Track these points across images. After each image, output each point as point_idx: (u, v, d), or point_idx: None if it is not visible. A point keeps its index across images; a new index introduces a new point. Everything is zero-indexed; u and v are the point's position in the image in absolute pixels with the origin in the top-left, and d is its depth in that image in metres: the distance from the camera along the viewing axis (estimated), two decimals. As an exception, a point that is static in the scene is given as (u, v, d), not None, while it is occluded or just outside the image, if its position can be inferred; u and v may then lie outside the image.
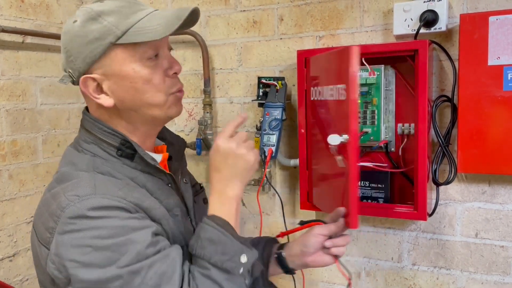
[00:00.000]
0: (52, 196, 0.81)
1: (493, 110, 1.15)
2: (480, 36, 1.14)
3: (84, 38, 0.81)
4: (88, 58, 0.82)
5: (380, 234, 1.43)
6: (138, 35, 0.80)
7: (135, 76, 0.83)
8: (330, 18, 1.42)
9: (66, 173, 0.83)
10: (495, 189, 1.27)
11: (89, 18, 0.81)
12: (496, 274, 1.29)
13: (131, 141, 0.86)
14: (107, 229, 0.74)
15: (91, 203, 0.75)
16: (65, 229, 0.74)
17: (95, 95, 0.84)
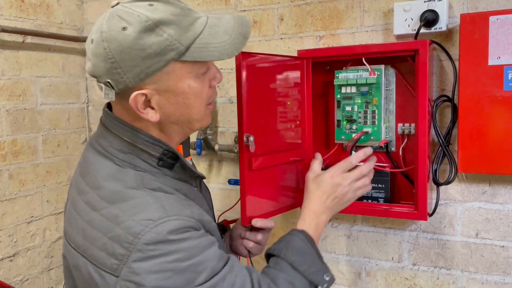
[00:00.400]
0: (109, 218, 0.75)
1: (493, 110, 1.15)
2: (481, 36, 1.14)
3: (141, 52, 0.73)
4: (143, 74, 0.75)
5: (380, 234, 1.43)
6: (203, 53, 0.76)
7: (189, 92, 0.80)
8: (331, 18, 1.41)
9: (117, 192, 0.77)
10: (496, 189, 1.27)
11: (146, 29, 0.73)
12: (497, 274, 1.29)
13: (176, 151, 0.84)
14: (184, 251, 0.73)
15: (168, 227, 0.73)
16: (143, 256, 0.71)
17: (142, 110, 0.79)
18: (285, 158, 1.20)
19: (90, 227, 0.77)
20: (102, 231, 0.75)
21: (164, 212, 0.74)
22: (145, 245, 0.71)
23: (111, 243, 0.73)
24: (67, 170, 1.78)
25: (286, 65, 1.23)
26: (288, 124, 1.24)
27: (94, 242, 0.75)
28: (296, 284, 0.86)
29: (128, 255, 0.71)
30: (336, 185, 1.00)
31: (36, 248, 1.68)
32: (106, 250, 0.74)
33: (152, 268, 0.71)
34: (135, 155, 0.81)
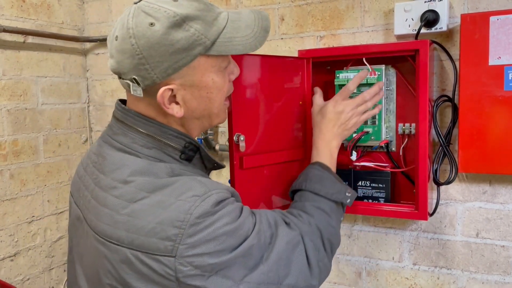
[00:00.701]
0: (154, 205, 0.76)
1: (494, 110, 1.16)
2: (481, 36, 1.15)
3: (169, 48, 0.75)
4: (171, 69, 0.76)
5: (381, 234, 1.43)
6: (227, 47, 0.78)
7: (212, 86, 0.82)
8: (331, 18, 1.42)
9: (153, 182, 0.78)
10: (496, 189, 1.27)
11: (174, 24, 0.74)
12: (497, 274, 1.29)
13: (197, 142, 0.86)
14: (229, 215, 0.77)
15: (213, 200, 0.76)
16: (197, 229, 0.74)
17: (168, 105, 0.80)
18: (282, 158, 1.20)
19: (133, 218, 0.76)
20: (147, 219, 0.75)
21: (206, 188, 0.77)
22: (197, 219, 0.74)
23: (161, 227, 0.74)
24: (68, 170, 1.78)
25: (287, 66, 1.23)
26: (288, 124, 1.24)
27: (141, 231, 0.75)
28: (322, 207, 0.97)
29: (182, 233, 0.73)
30: (339, 112, 1.08)
31: (37, 247, 1.68)
32: (157, 235, 0.74)
33: (208, 237, 0.74)
34: (159, 150, 0.83)
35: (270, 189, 1.20)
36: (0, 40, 1.52)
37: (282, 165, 1.21)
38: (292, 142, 1.25)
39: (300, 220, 0.93)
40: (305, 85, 1.28)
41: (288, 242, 0.85)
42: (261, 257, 0.80)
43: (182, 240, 0.73)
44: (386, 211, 1.28)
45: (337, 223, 1.00)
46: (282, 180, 1.22)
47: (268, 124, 1.17)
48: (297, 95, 1.26)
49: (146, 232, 0.75)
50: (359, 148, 1.34)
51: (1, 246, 1.55)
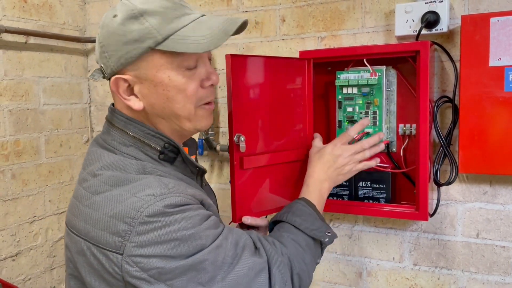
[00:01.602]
0: (110, 199, 0.76)
1: (494, 111, 1.16)
2: (482, 37, 1.15)
3: (122, 37, 0.78)
4: (123, 59, 0.79)
5: (381, 234, 1.43)
6: (179, 44, 0.77)
7: (169, 84, 0.80)
8: (332, 19, 1.42)
9: (119, 176, 0.79)
10: (496, 190, 1.27)
11: (131, 16, 0.78)
12: (497, 274, 1.30)
13: (177, 144, 0.84)
14: (187, 220, 0.75)
15: (169, 201, 0.74)
16: (147, 228, 0.72)
17: (125, 96, 0.82)
18: (282, 158, 1.21)
19: (91, 210, 0.77)
20: (103, 211, 0.76)
21: (167, 189, 0.76)
22: (148, 217, 0.72)
23: (113, 221, 0.74)
24: (69, 170, 1.79)
25: (288, 66, 1.23)
26: (289, 125, 1.24)
27: (96, 223, 0.76)
28: (299, 241, 0.93)
29: (131, 230, 0.72)
30: (337, 156, 1.07)
31: (38, 247, 1.68)
32: (109, 229, 0.74)
33: (158, 239, 0.72)
34: (136, 148, 0.83)
35: (270, 189, 1.20)
36: (2, 40, 1.53)
37: (282, 165, 1.22)
38: (293, 143, 1.25)
39: (273, 248, 0.88)
40: (306, 86, 1.28)
41: (251, 268, 0.80)
42: (216, 275, 0.76)
43: (130, 237, 0.72)
44: (386, 212, 1.28)
45: (311, 261, 0.94)
46: (283, 181, 1.23)
47: (268, 125, 1.18)
48: (298, 96, 1.26)
49: (100, 225, 0.75)
50: (360, 148, 1.34)
51: (2, 246, 1.55)
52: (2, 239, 1.55)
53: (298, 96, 1.26)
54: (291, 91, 1.25)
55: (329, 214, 1.49)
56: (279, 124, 1.21)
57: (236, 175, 1.09)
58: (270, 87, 1.17)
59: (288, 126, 1.24)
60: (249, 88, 1.12)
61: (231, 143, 1.08)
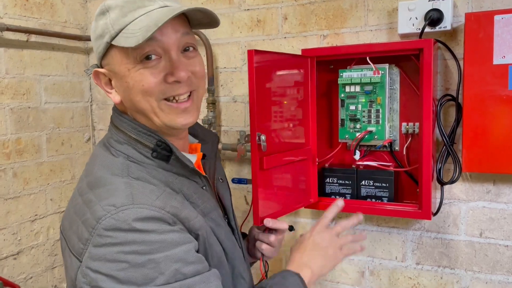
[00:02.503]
0: (85, 203, 0.76)
1: (498, 109, 1.15)
2: (485, 35, 1.14)
3: (93, 33, 0.81)
4: (97, 53, 0.82)
5: (384, 233, 1.43)
6: (123, 38, 0.75)
7: (128, 76, 0.78)
8: (335, 17, 1.41)
9: (99, 178, 0.78)
10: (500, 189, 1.27)
11: (100, 12, 0.79)
12: (501, 273, 1.29)
13: (168, 142, 0.81)
14: (145, 244, 0.69)
15: (129, 215, 0.70)
16: (101, 241, 0.70)
17: (108, 89, 0.84)
18: (291, 157, 1.20)
19: (73, 211, 0.79)
20: (78, 215, 0.76)
21: (130, 200, 0.72)
22: (104, 231, 0.70)
23: (82, 227, 0.73)
24: (70, 168, 1.78)
25: (291, 64, 1.23)
26: (293, 123, 1.23)
27: (72, 225, 0.77)
28: None
29: (90, 239, 0.71)
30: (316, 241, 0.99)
31: (40, 246, 1.68)
32: (77, 233, 0.74)
33: (108, 256, 0.69)
34: (129, 145, 0.82)
35: (285, 189, 1.20)
36: (4, 39, 1.52)
37: (293, 164, 1.21)
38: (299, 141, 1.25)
39: None
40: (309, 84, 1.28)
41: None
42: None
43: (88, 247, 0.71)
44: (389, 211, 1.28)
45: None
46: (294, 179, 1.22)
47: (279, 123, 1.17)
48: (301, 94, 1.26)
49: (73, 228, 0.76)
50: (363, 147, 1.34)
51: (4, 245, 1.55)
52: (4, 237, 1.55)
53: (301, 94, 1.26)
54: (296, 89, 1.24)
55: (332, 213, 1.48)
56: (287, 122, 1.20)
57: (258, 175, 1.07)
58: (280, 84, 1.17)
59: (294, 124, 1.23)
60: (266, 85, 1.11)
61: (253, 143, 1.05)
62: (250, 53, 1.04)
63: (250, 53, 1.04)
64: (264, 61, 1.10)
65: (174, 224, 0.74)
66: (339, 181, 1.36)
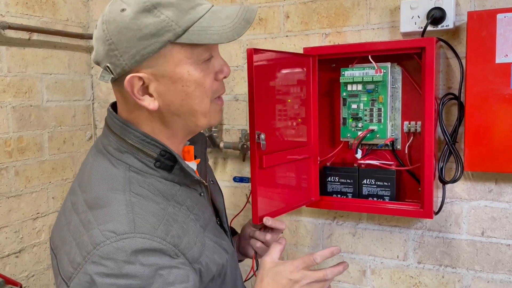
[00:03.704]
0: (83, 223, 0.72)
1: (500, 108, 1.15)
2: (488, 34, 1.14)
3: (136, 32, 0.71)
4: (139, 55, 0.72)
5: (385, 232, 1.42)
6: (201, 35, 0.72)
7: (188, 80, 0.75)
8: (337, 16, 1.41)
9: (99, 197, 0.74)
10: (502, 188, 1.27)
11: (143, 9, 0.71)
12: (502, 273, 1.29)
13: (173, 152, 0.79)
14: (140, 279, 0.67)
15: (129, 244, 0.67)
16: (95, 270, 0.66)
17: (139, 96, 0.75)
18: (292, 156, 1.20)
19: (67, 229, 0.74)
20: (73, 236, 0.71)
21: (132, 227, 0.69)
22: (100, 258, 0.66)
23: (76, 249, 0.69)
24: (72, 167, 1.78)
25: (293, 63, 1.23)
26: (294, 122, 1.23)
27: (65, 245, 0.72)
28: None
29: (82, 264, 0.67)
30: (294, 282, 0.86)
31: (41, 244, 1.68)
32: (69, 255, 0.70)
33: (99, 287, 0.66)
34: (131, 154, 0.78)
35: (285, 188, 1.20)
36: (5, 37, 1.52)
37: (293, 163, 1.21)
38: (300, 140, 1.25)
39: None
40: (311, 83, 1.27)
41: None
42: None
43: (79, 272, 0.67)
44: (391, 210, 1.28)
45: None
46: (294, 178, 1.23)
47: (280, 122, 1.17)
48: (303, 93, 1.26)
49: (66, 248, 0.71)
50: (364, 146, 1.34)
51: (6, 243, 1.55)
52: (6, 235, 1.55)
53: (303, 93, 1.26)
54: (297, 88, 1.24)
55: (333, 211, 1.48)
56: (288, 121, 1.20)
57: (257, 174, 1.07)
58: (279, 83, 1.17)
59: (295, 123, 1.23)
60: (266, 83, 1.11)
61: (252, 142, 1.05)
62: (249, 51, 1.03)
63: (250, 51, 1.03)
64: (265, 59, 1.10)
65: (175, 257, 0.72)
66: (340, 180, 1.36)
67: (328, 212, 1.49)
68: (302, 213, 1.53)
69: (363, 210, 1.33)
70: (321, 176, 1.35)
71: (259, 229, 1.08)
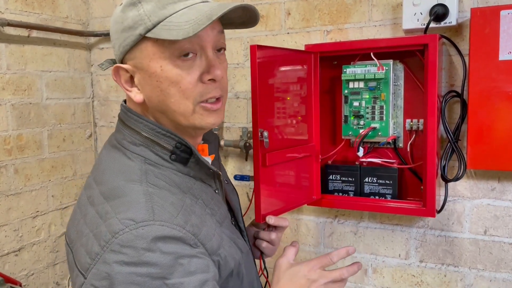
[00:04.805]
0: (100, 214, 0.71)
1: (503, 106, 1.14)
2: (491, 31, 1.13)
3: (120, 25, 0.75)
4: (122, 47, 0.75)
5: (387, 230, 1.42)
6: (164, 31, 0.71)
7: (161, 76, 0.74)
8: (338, 12, 1.40)
9: (115, 188, 0.73)
10: (505, 186, 1.26)
11: (130, 3, 0.74)
12: (505, 271, 1.28)
13: (188, 143, 0.77)
14: (160, 267, 0.65)
15: (149, 232, 0.66)
16: (114, 258, 0.65)
17: (127, 87, 0.78)
18: (294, 154, 1.20)
19: (83, 222, 0.73)
20: (90, 227, 0.70)
21: (151, 215, 0.68)
22: (120, 247, 0.65)
23: (93, 240, 0.68)
24: (72, 165, 1.78)
25: (295, 60, 1.22)
26: (296, 120, 1.22)
27: (81, 237, 0.71)
28: None
29: (101, 254, 0.66)
30: (312, 281, 0.87)
31: (41, 243, 1.68)
32: (86, 247, 0.69)
33: (118, 276, 0.65)
34: (146, 147, 0.77)
35: (288, 186, 1.20)
36: (5, 34, 1.51)
37: (295, 161, 1.21)
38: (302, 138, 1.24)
39: None
40: (312, 80, 1.27)
41: None
42: None
43: (97, 263, 0.66)
44: (393, 208, 1.27)
45: None
46: (297, 176, 1.22)
47: (282, 120, 1.16)
48: (304, 90, 1.25)
49: (82, 240, 0.70)
50: (366, 144, 1.33)
51: (5, 241, 1.55)
52: (5, 234, 1.55)
53: (305, 90, 1.25)
54: (299, 85, 1.23)
55: (334, 210, 1.47)
56: (290, 119, 1.19)
57: (261, 172, 1.06)
58: (282, 80, 1.16)
59: (297, 121, 1.22)
60: (268, 81, 1.10)
61: (255, 139, 1.04)
62: (252, 48, 1.02)
63: (253, 48, 1.02)
64: (267, 56, 1.09)
65: (195, 246, 0.71)
66: (342, 178, 1.35)
67: (329, 211, 1.48)
68: (303, 212, 1.53)
69: (365, 208, 1.32)
70: (323, 174, 1.34)
71: (262, 229, 1.07)
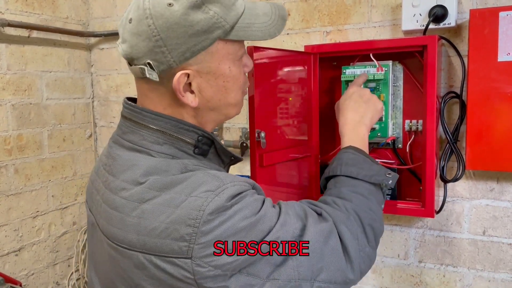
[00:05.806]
0: (164, 204, 0.71)
1: (502, 107, 1.14)
2: (490, 32, 1.13)
3: (188, 29, 0.71)
4: (189, 52, 0.72)
5: (386, 231, 1.42)
6: (246, 32, 0.75)
7: (229, 75, 0.78)
8: (338, 13, 1.40)
9: (165, 180, 0.73)
10: (504, 187, 1.26)
11: (193, 5, 0.71)
12: (504, 272, 1.29)
13: (211, 134, 0.81)
14: (247, 208, 0.72)
15: (227, 193, 0.71)
16: (211, 226, 0.69)
17: (183, 93, 0.75)
18: (293, 154, 1.20)
19: (143, 220, 0.72)
20: (158, 219, 0.71)
21: (221, 181, 0.72)
22: (210, 215, 0.69)
23: (174, 226, 0.69)
24: (72, 165, 1.78)
25: (294, 61, 1.22)
26: (295, 120, 1.23)
27: (153, 233, 0.71)
28: (360, 191, 0.90)
29: (195, 231, 0.68)
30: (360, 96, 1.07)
31: (41, 242, 1.68)
32: (170, 235, 0.70)
33: (223, 234, 0.69)
34: (171, 145, 0.78)
35: (286, 186, 1.19)
36: (5, 34, 1.52)
37: (294, 161, 1.21)
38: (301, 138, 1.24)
39: (335, 207, 0.85)
40: (312, 81, 1.27)
41: (320, 233, 0.77)
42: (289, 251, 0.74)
43: (196, 239, 0.68)
44: (392, 208, 1.27)
45: (378, 208, 0.91)
46: (295, 177, 1.22)
47: (280, 120, 1.17)
48: (304, 91, 1.25)
49: (158, 233, 0.70)
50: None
51: (5, 241, 1.55)
52: (5, 234, 1.55)
53: (304, 91, 1.25)
54: (299, 86, 1.23)
55: (334, 210, 1.47)
56: (289, 119, 1.20)
57: (258, 172, 1.06)
58: (280, 81, 1.16)
59: (296, 121, 1.23)
60: (266, 82, 1.10)
61: (252, 140, 1.05)
62: (249, 49, 1.03)
63: (250, 49, 1.02)
64: (265, 57, 1.09)
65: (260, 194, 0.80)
66: (341, 178, 1.35)
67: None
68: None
69: (364, 208, 1.32)
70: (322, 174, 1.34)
71: None
